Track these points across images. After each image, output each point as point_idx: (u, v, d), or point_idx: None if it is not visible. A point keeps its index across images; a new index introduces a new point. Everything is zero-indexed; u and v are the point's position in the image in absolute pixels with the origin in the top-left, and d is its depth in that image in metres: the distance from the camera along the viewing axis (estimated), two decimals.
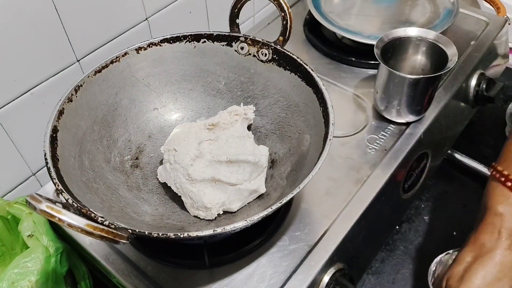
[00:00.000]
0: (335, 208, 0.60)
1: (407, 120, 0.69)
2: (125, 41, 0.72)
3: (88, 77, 0.57)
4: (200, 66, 0.64)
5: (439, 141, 0.78)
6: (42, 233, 0.58)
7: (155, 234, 0.42)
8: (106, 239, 0.39)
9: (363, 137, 0.69)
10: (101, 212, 0.43)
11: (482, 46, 0.83)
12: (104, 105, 0.59)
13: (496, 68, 0.91)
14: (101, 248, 0.58)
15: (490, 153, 0.89)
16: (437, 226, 0.79)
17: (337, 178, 0.63)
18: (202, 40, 0.63)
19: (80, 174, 0.51)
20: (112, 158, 0.58)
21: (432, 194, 0.84)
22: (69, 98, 0.54)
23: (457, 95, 0.76)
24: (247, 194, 0.55)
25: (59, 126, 0.52)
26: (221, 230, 0.43)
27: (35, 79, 0.63)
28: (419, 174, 0.74)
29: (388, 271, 0.74)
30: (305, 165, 0.53)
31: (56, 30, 0.62)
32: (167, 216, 0.55)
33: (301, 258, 0.55)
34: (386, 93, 0.67)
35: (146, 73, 0.63)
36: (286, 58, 0.59)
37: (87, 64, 0.68)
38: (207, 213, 0.53)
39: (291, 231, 0.58)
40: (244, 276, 0.54)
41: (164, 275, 0.54)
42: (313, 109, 0.56)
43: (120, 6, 0.69)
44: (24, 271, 0.54)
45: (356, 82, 0.78)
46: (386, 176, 0.63)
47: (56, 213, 0.36)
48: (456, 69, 0.78)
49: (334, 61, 0.82)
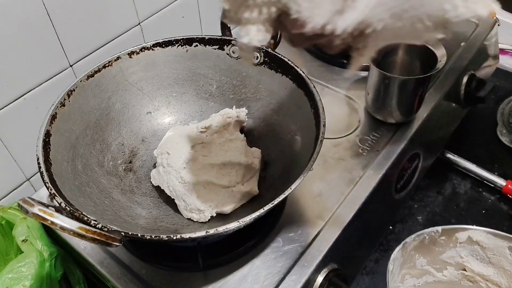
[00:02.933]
0: (328, 208, 0.60)
1: (399, 121, 0.70)
2: (118, 45, 0.72)
3: (80, 81, 0.57)
4: (192, 70, 0.65)
5: (430, 141, 0.79)
6: (36, 238, 0.58)
7: (148, 236, 0.42)
8: (99, 241, 0.40)
9: (355, 138, 0.69)
10: (94, 216, 0.44)
11: (472, 47, 0.84)
12: (97, 109, 0.60)
13: (487, 69, 0.92)
14: (95, 253, 0.58)
15: (482, 153, 0.90)
16: (430, 226, 0.79)
17: (330, 179, 0.64)
18: (194, 44, 0.63)
19: (73, 178, 0.52)
20: (105, 162, 0.59)
21: (425, 194, 0.84)
22: (61, 103, 0.54)
23: (447, 96, 0.77)
24: (240, 196, 0.55)
25: (52, 131, 0.52)
26: (213, 231, 0.43)
27: (28, 84, 0.63)
28: (411, 174, 0.74)
29: (382, 271, 0.74)
30: (297, 167, 0.54)
31: (49, 35, 0.63)
32: (161, 219, 0.55)
33: (294, 259, 0.55)
34: (377, 94, 0.68)
35: (138, 77, 0.63)
36: (278, 61, 0.60)
37: (80, 69, 0.69)
38: (200, 215, 0.54)
39: (285, 232, 0.58)
40: (238, 277, 0.54)
41: (159, 278, 0.55)
42: (305, 111, 0.56)
43: (113, 11, 0.69)
44: (19, 275, 0.54)
45: (348, 84, 0.78)
46: (378, 177, 0.64)
47: (49, 216, 0.37)
48: (446, 70, 0.79)
49: (326, 63, 0.82)
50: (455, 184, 0.86)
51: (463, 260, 0.62)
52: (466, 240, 0.61)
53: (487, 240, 0.60)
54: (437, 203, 0.83)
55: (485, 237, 0.60)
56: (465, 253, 0.62)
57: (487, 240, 0.60)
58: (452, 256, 0.62)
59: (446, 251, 0.62)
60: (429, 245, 0.62)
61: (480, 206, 0.82)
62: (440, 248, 0.62)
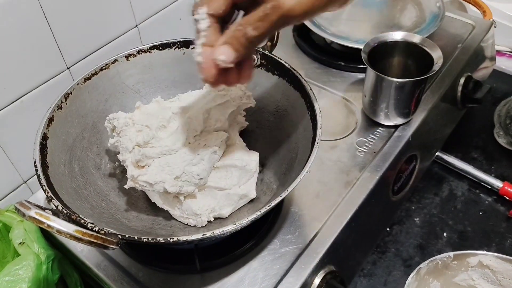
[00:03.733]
0: (325, 210, 0.60)
1: (396, 123, 0.70)
2: (115, 48, 0.72)
3: (77, 84, 0.57)
4: (189, 72, 0.65)
5: (427, 143, 0.79)
6: (33, 241, 0.58)
7: (145, 239, 0.42)
8: (96, 244, 0.40)
9: (352, 140, 0.69)
10: (91, 219, 0.44)
11: (468, 49, 0.84)
12: (94, 112, 0.60)
13: (484, 70, 0.92)
14: (92, 255, 0.58)
15: (479, 155, 0.90)
16: (428, 227, 0.80)
17: (327, 181, 0.64)
18: (191, 47, 0.63)
19: (70, 181, 0.52)
20: (103, 164, 0.59)
21: (422, 196, 0.84)
22: (58, 106, 0.54)
23: (444, 98, 0.78)
24: (237, 199, 0.55)
25: (49, 133, 0.52)
26: (210, 234, 0.43)
27: (25, 87, 0.63)
28: (408, 176, 0.75)
29: (379, 273, 0.74)
30: (294, 169, 0.54)
31: (46, 38, 0.63)
32: (158, 222, 0.55)
33: (292, 261, 0.55)
34: (374, 96, 0.68)
35: (135, 79, 0.63)
36: (274, 63, 0.60)
37: (77, 71, 0.69)
38: (198, 220, 0.54)
39: (282, 234, 0.58)
40: (235, 280, 0.54)
41: (156, 280, 0.55)
42: (301, 113, 0.56)
43: (110, 14, 0.69)
44: (16, 278, 0.54)
45: (345, 86, 0.78)
46: (376, 179, 0.64)
47: (45, 220, 0.37)
48: (443, 72, 0.79)
49: (323, 65, 0.83)
50: (452, 185, 0.86)
51: (475, 282, 0.65)
52: (477, 264, 0.64)
53: (496, 264, 0.63)
54: (434, 205, 0.83)
55: (494, 262, 0.63)
56: (476, 276, 0.64)
57: (497, 264, 0.63)
58: (465, 279, 0.65)
59: (458, 275, 0.64)
60: (442, 270, 0.64)
61: (477, 208, 0.82)
62: (452, 272, 0.64)
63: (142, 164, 0.52)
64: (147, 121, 0.54)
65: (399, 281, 0.73)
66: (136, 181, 0.51)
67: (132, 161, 0.52)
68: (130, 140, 0.52)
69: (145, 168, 0.51)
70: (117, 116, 0.55)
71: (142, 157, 0.51)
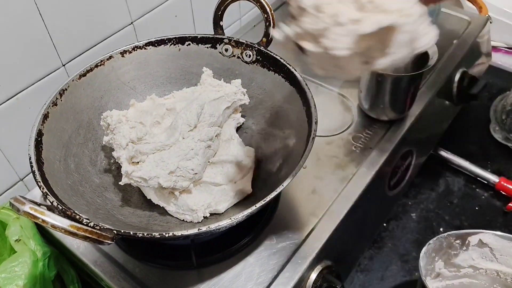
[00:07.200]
0: (322, 206, 0.60)
1: (391, 118, 0.70)
2: (110, 45, 0.72)
3: (73, 81, 0.57)
4: (185, 69, 0.65)
5: (423, 138, 0.80)
6: (29, 238, 0.58)
7: (140, 234, 0.42)
8: (91, 239, 0.39)
9: (348, 136, 0.70)
10: (86, 214, 0.44)
11: (464, 45, 0.84)
12: (90, 109, 0.59)
13: (480, 66, 0.93)
14: (89, 252, 0.58)
15: (475, 150, 0.91)
16: (424, 222, 0.80)
17: (323, 177, 0.64)
18: (186, 43, 0.63)
19: (66, 177, 0.52)
20: (98, 161, 0.58)
21: (418, 191, 0.85)
22: (53, 102, 0.54)
23: (440, 93, 0.78)
24: (233, 194, 0.55)
25: (44, 130, 0.52)
26: (205, 228, 0.43)
27: (20, 84, 0.63)
28: (405, 171, 0.75)
29: (376, 268, 0.74)
30: (290, 164, 0.54)
31: (41, 34, 0.62)
32: (154, 218, 0.55)
33: (288, 256, 0.55)
34: (370, 92, 0.68)
35: (131, 76, 0.63)
36: (270, 59, 0.60)
37: (73, 68, 0.68)
38: (194, 216, 0.54)
39: (278, 229, 0.58)
40: (232, 275, 0.54)
41: (152, 276, 0.55)
42: (297, 108, 0.56)
43: (105, 10, 0.69)
44: (12, 275, 0.54)
45: (341, 82, 0.78)
46: (372, 174, 0.64)
47: (40, 215, 0.37)
48: (439, 67, 0.80)
49: None
50: (449, 181, 0.86)
51: (475, 262, 0.68)
52: (477, 243, 0.66)
53: (495, 242, 0.66)
54: (431, 200, 0.83)
55: (493, 239, 0.66)
56: (476, 256, 0.67)
57: (495, 242, 0.66)
58: (465, 259, 0.68)
59: (459, 255, 0.67)
60: (446, 249, 0.66)
61: (473, 203, 0.83)
62: (454, 252, 0.67)
63: (137, 160, 0.52)
64: (141, 118, 0.54)
65: (396, 276, 0.73)
66: (131, 177, 0.51)
67: (127, 157, 0.52)
68: (124, 137, 0.52)
69: (140, 164, 0.51)
70: (110, 114, 0.56)
71: (136, 153, 0.51)
